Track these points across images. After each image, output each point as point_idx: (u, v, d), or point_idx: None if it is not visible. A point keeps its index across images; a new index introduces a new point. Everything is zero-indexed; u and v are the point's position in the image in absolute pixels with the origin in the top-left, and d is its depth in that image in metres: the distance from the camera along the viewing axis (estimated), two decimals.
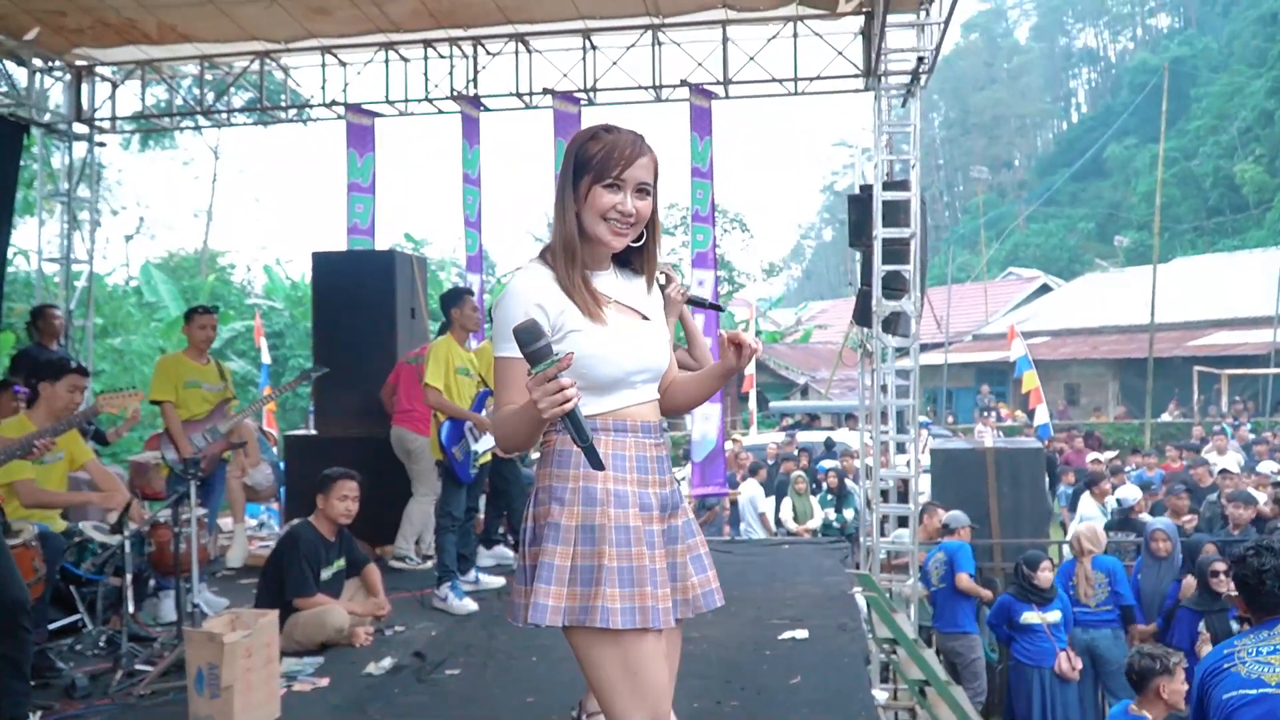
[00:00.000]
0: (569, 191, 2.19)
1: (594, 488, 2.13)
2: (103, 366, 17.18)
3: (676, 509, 2.29)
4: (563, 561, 2.12)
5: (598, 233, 2.17)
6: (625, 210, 2.15)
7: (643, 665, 2.10)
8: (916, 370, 8.17)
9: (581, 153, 2.18)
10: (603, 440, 2.15)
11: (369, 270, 7.82)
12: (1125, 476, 12.73)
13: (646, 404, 2.25)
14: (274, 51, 9.41)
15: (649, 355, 2.24)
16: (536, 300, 2.12)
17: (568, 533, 2.13)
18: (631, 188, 2.16)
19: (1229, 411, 22.18)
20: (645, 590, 2.11)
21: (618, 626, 2.07)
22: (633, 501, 2.16)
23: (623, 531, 2.13)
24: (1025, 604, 7.03)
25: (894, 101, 8.41)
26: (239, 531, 7.32)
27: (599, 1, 8.47)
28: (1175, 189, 41.37)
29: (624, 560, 2.11)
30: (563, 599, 2.11)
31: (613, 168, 2.14)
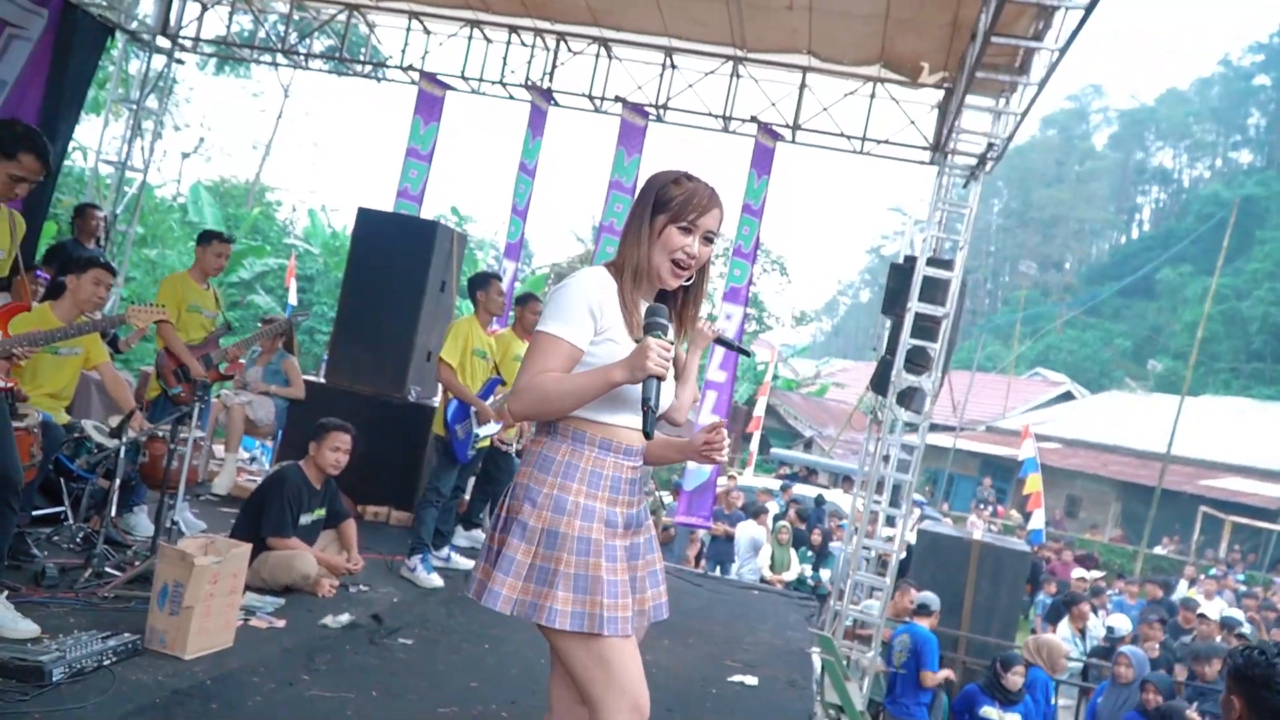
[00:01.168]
0: (646, 224, 2.37)
1: (565, 498, 2.29)
2: (134, 274, 17.38)
3: (640, 527, 2.45)
4: (523, 558, 2.28)
5: (660, 269, 2.37)
6: (692, 253, 2.36)
7: (613, 660, 2.26)
8: (922, 448, 8.19)
9: (664, 193, 2.37)
10: (585, 454, 2.33)
11: (409, 236, 7.91)
12: (1106, 599, 12.69)
13: (636, 430, 2.38)
14: (363, 6, 9.56)
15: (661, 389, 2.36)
16: (599, 299, 2.31)
17: (533, 533, 2.29)
18: (701, 234, 2.36)
19: (1225, 558, 22.00)
20: (597, 599, 2.25)
21: (565, 628, 2.23)
22: (599, 517, 2.31)
23: (583, 543, 2.28)
24: (989, 698, 7.03)
25: (956, 180, 8.45)
26: (230, 460, 7.40)
27: (687, 23, 8.58)
28: (1220, 325, 41.16)
29: (580, 569, 2.26)
30: (515, 591, 2.27)
31: (690, 212, 2.34)
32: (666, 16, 8.49)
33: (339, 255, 21.77)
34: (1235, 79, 64.85)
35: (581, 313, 2.29)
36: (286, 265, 20.81)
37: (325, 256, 23.63)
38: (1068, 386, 38.31)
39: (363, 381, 7.70)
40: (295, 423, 7.51)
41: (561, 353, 2.27)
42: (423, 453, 7.33)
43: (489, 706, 4.08)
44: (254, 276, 22.09)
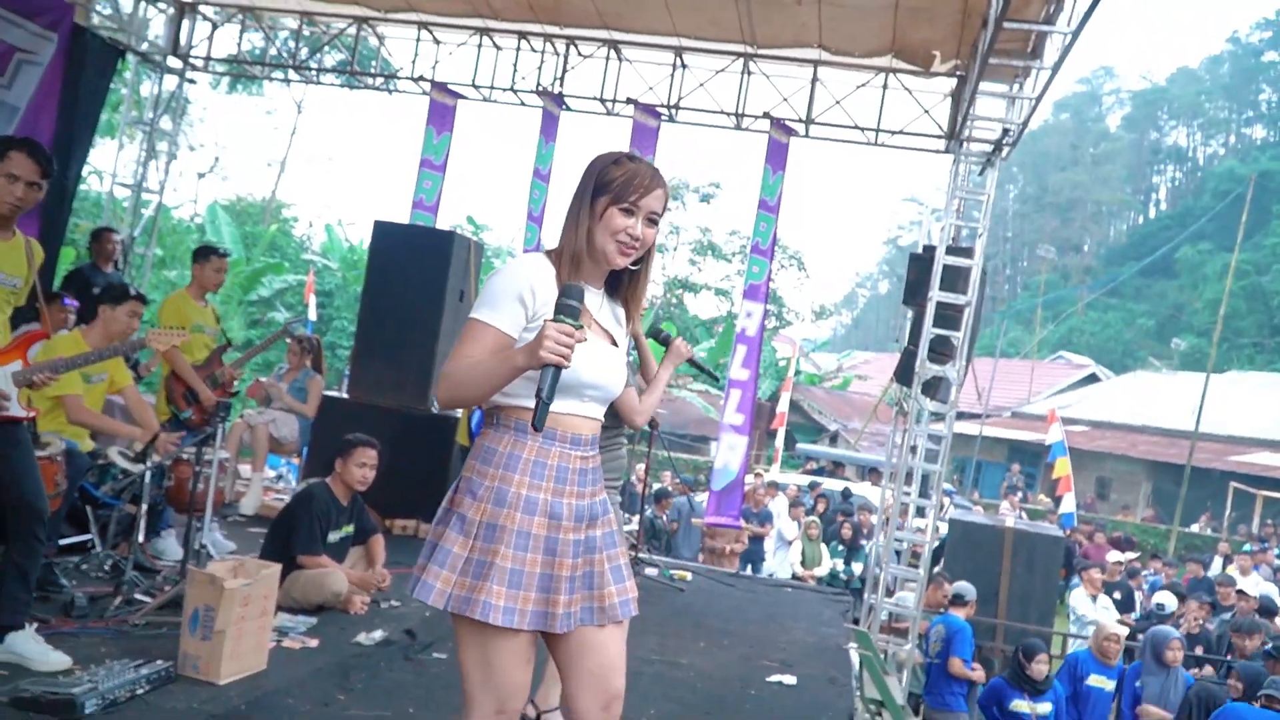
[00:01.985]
0: (585, 207, 2.32)
1: (506, 490, 2.25)
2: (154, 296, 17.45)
3: (596, 520, 2.38)
4: (460, 550, 2.25)
5: (606, 250, 2.31)
6: (635, 234, 2.31)
7: (499, 661, 2.25)
8: (949, 437, 8.11)
9: (603, 175, 2.33)
10: (528, 445, 2.27)
11: (426, 247, 7.90)
12: (1142, 579, 12.54)
13: (586, 419, 2.36)
14: (372, 19, 9.56)
15: (605, 375, 2.35)
16: (530, 284, 2.26)
17: (471, 525, 2.25)
18: (644, 215, 2.31)
19: (1259, 533, 21.75)
20: (530, 595, 2.23)
21: (496, 623, 2.19)
22: (542, 509, 2.26)
23: (523, 537, 2.24)
24: (1017, 691, 6.94)
25: (972, 167, 8.38)
26: (256, 480, 7.40)
27: (695, 22, 8.53)
28: (1242, 301, 40.72)
29: (516, 563, 2.22)
30: (450, 584, 2.23)
31: (631, 193, 2.29)
32: (676, 16, 8.45)
33: (357, 269, 21.84)
34: (1245, 56, 64.24)
35: (509, 299, 2.25)
36: (305, 281, 20.89)
37: (344, 271, 23.73)
38: (1092, 369, 37.97)
39: (385, 395, 7.69)
40: (320, 439, 7.51)
41: (487, 339, 2.23)
42: (448, 464, 7.31)
43: (527, 713, 4.04)
44: (273, 294, 22.20)
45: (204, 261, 6.20)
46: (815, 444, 24.69)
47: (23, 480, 3.73)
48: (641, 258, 2.38)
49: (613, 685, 2.36)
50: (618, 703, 2.38)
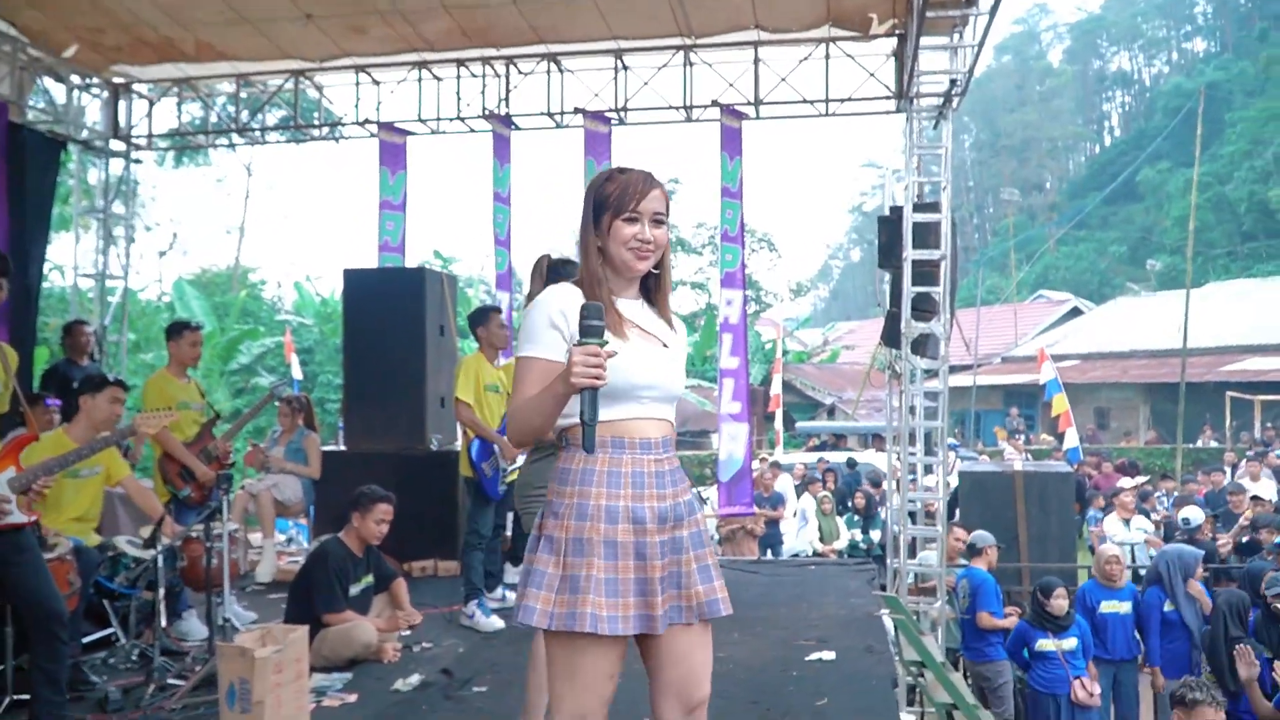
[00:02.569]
0: (592, 229, 2.42)
1: (586, 504, 2.32)
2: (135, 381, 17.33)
3: (681, 521, 2.42)
4: (553, 570, 2.32)
5: (624, 259, 2.40)
6: (645, 238, 2.39)
7: (587, 674, 2.30)
8: (945, 392, 8.12)
9: (600, 193, 2.42)
10: (599, 458, 2.34)
11: (399, 288, 7.88)
12: (1155, 501, 12.59)
13: (651, 421, 2.41)
14: (309, 70, 9.53)
15: (661, 375, 2.42)
16: (560, 309, 2.35)
17: (559, 544, 2.32)
18: (648, 218, 2.39)
19: (1262, 437, 21.88)
20: (629, 600, 2.29)
21: (603, 632, 2.25)
22: (624, 516, 2.32)
23: (610, 546, 2.30)
24: (1041, 631, 6.95)
25: (925, 123, 8.40)
26: (268, 547, 7.36)
27: (631, 21, 8.54)
28: (1209, 213, 40.96)
29: (609, 572, 2.29)
30: (550, 604, 2.30)
31: (629, 201, 2.38)
32: (610, 20, 8.45)
33: (333, 321, 21.78)
34: None
35: (545, 328, 2.34)
36: (283, 342, 20.81)
37: (320, 325, 23.65)
38: (1073, 302, 38.14)
39: (382, 440, 7.66)
40: (326, 495, 7.48)
41: (536, 371, 2.32)
42: (455, 499, 7.29)
43: None
44: (253, 359, 22.12)
45: (178, 338, 6.15)
46: (813, 420, 24.73)
47: (36, 585, 3.71)
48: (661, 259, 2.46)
49: (696, 694, 2.43)
50: (702, 710, 2.44)
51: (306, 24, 8.36)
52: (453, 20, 8.41)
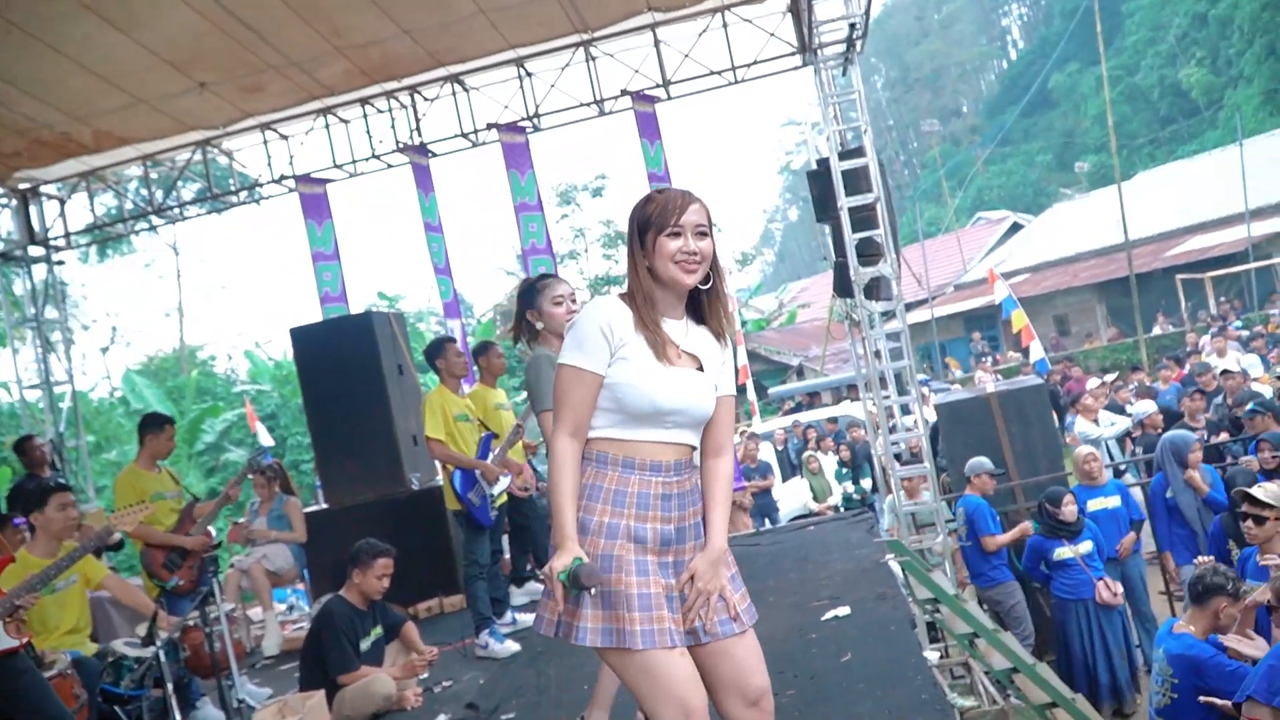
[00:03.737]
0: (638, 250, 2.49)
1: (590, 519, 2.40)
2: (104, 483, 17.08)
3: (685, 545, 2.48)
4: None
5: (672, 274, 2.44)
6: (690, 250, 2.43)
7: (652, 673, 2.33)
8: (906, 331, 8.19)
9: (641, 215, 2.49)
10: (609, 475, 2.44)
11: (349, 336, 7.79)
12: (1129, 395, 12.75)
13: (668, 445, 2.46)
14: (214, 138, 9.41)
15: (690, 400, 2.46)
16: (609, 321, 2.43)
17: None
18: (691, 231, 2.44)
19: (1218, 312, 22.26)
20: (621, 613, 2.34)
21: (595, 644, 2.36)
22: (624, 534, 2.39)
23: (606, 560, 2.37)
24: (1055, 540, 7.01)
25: (834, 72, 8.43)
26: (270, 619, 7.27)
27: (525, 28, 8.49)
28: (1125, 106, 41.55)
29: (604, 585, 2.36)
30: (556, 612, 2.40)
31: (670, 217, 2.44)
32: (504, 31, 8.40)
33: (291, 383, 21.54)
34: None
35: (595, 337, 2.41)
36: (245, 413, 20.57)
37: (278, 389, 23.40)
38: (1012, 218, 38.57)
39: (362, 490, 7.58)
40: (317, 556, 7.40)
41: (580, 383, 2.41)
42: (447, 534, 7.22)
43: None
44: (218, 436, 21.85)
45: (157, 432, 6.10)
46: (784, 384, 24.82)
47: (42, 706, 3.64)
48: (710, 275, 2.50)
49: (754, 684, 2.47)
50: (767, 699, 2.49)
51: (202, 93, 8.25)
52: (348, 61, 8.33)
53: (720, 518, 2.54)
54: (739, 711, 2.45)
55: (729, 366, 2.62)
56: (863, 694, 3.96)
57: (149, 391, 22.18)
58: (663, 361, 2.41)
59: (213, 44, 7.52)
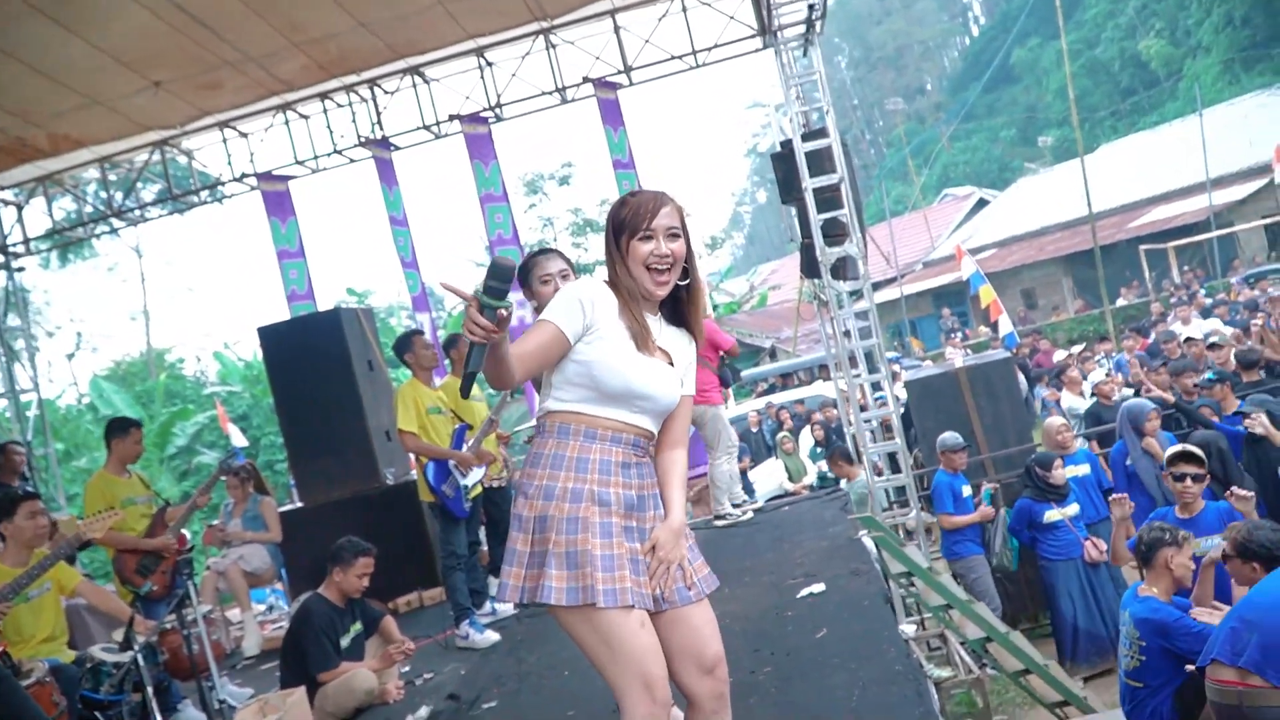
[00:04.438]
0: (616, 250, 2.54)
1: (554, 485, 2.46)
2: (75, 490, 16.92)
3: (647, 513, 2.55)
4: (522, 547, 2.48)
5: (642, 282, 2.52)
6: (661, 253, 2.50)
7: (615, 635, 2.38)
8: (874, 309, 8.24)
9: (615, 218, 2.55)
10: (571, 444, 2.48)
11: (318, 333, 7.76)
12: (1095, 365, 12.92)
13: (633, 426, 2.53)
14: (172, 138, 9.31)
15: (659, 390, 2.53)
16: (590, 297, 2.47)
17: (527, 522, 2.48)
18: (663, 234, 2.51)
19: (1182, 281, 22.53)
20: (587, 571, 2.38)
21: (560, 603, 2.38)
22: (589, 497, 2.45)
23: (572, 522, 2.42)
24: (1044, 504, 7.14)
25: (795, 53, 8.45)
26: (248, 619, 7.25)
27: (484, 17, 8.46)
28: (1086, 79, 41.87)
29: (570, 546, 2.41)
30: (521, 579, 2.47)
31: (642, 220, 2.50)
32: (463, 21, 8.36)
33: (262, 382, 21.38)
34: None
35: (573, 305, 2.45)
36: (216, 414, 20.43)
37: (248, 389, 23.24)
38: (978, 194, 38.80)
39: (337, 487, 7.56)
40: (294, 554, 7.39)
41: (545, 332, 2.43)
42: (423, 528, 7.23)
43: None
44: (190, 439, 21.70)
45: (124, 436, 6.02)
46: (757, 366, 24.91)
47: (20, 713, 3.63)
48: (687, 273, 2.57)
49: (709, 652, 2.53)
50: (722, 667, 2.56)
51: (158, 92, 8.16)
52: (306, 56, 8.26)
53: (680, 495, 2.61)
54: (694, 679, 2.51)
55: (693, 367, 2.69)
56: (838, 668, 4.02)
57: (117, 397, 21.96)
58: (642, 350, 2.49)
59: (166, 42, 7.43)
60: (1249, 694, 3.61)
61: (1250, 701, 3.61)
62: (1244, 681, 3.63)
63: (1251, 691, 3.61)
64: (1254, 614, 3.74)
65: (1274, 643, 3.60)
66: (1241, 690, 3.64)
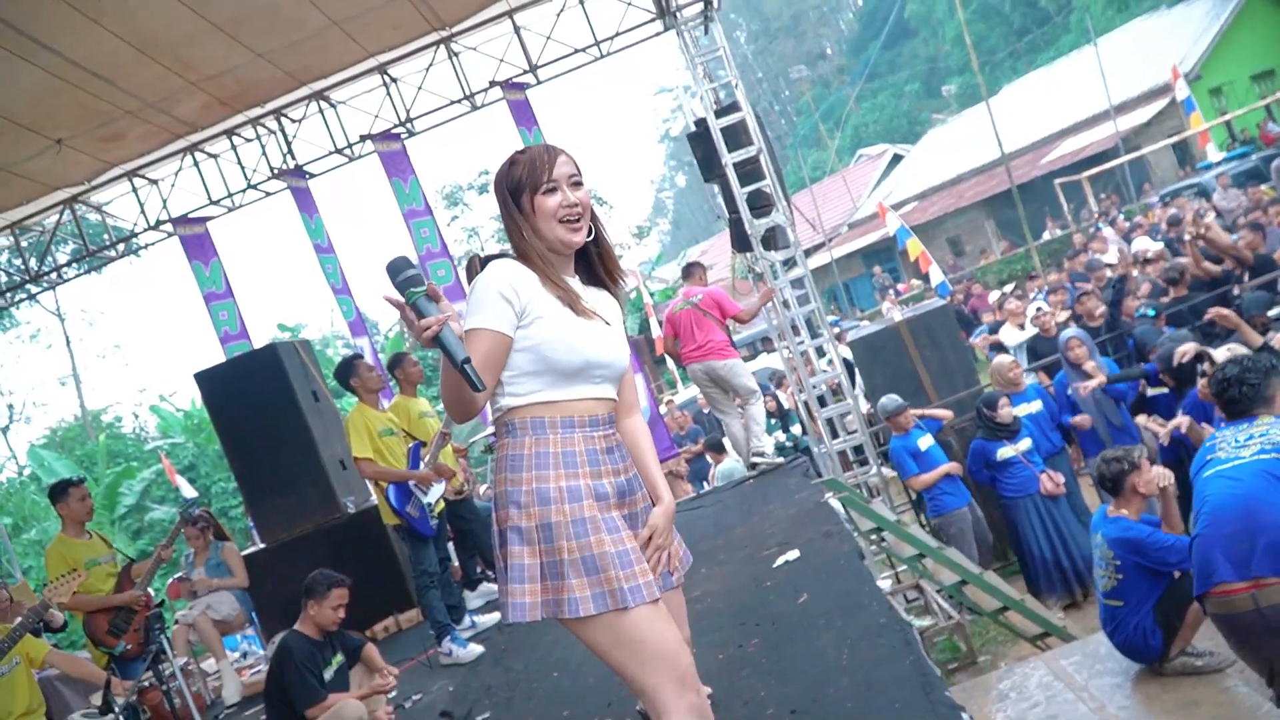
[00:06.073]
0: (516, 215, 2.37)
1: (546, 488, 2.27)
2: (29, 563, 16.50)
3: (636, 495, 2.44)
4: (530, 560, 2.27)
5: (557, 235, 2.35)
6: (570, 203, 2.35)
7: (642, 634, 2.24)
8: (808, 276, 8.34)
9: (509, 179, 2.38)
10: (550, 439, 2.30)
11: (257, 371, 7.63)
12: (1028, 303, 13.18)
13: (599, 400, 2.39)
14: (81, 194, 9.10)
15: (609, 353, 2.39)
16: (510, 283, 2.28)
17: (529, 533, 2.27)
18: (565, 183, 2.35)
19: (1100, 209, 23.05)
20: (610, 574, 2.23)
21: (590, 613, 2.22)
22: (587, 493, 2.29)
23: (579, 524, 2.26)
24: (997, 442, 7.26)
25: (696, 32, 8.50)
26: (225, 668, 7.13)
27: (380, 33, 8.37)
28: (980, 24, 42.57)
29: (585, 550, 2.24)
30: (537, 595, 2.26)
31: (542, 173, 2.34)
32: (361, 40, 8.26)
33: (205, 429, 21.02)
34: None
35: (493, 299, 2.27)
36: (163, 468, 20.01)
37: (191, 438, 22.80)
38: (891, 150, 39.28)
39: (297, 524, 7.46)
40: (262, 597, 7.28)
41: (484, 342, 2.25)
42: (391, 552, 7.17)
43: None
44: (139, 497, 21.23)
45: (64, 498, 5.90)
46: None
47: None
48: (593, 225, 2.42)
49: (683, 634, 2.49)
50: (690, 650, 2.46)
51: (60, 150, 7.95)
52: (205, 94, 8.11)
53: (660, 472, 2.53)
54: None
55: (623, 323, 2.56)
56: (824, 628, 4.06)
57: (59, 464, 21.41)
58: (581, 316, 2.33)
59: (63, 99, 7.26)
60: (1264, 593, 3.63)
61: (1267, 600, 3.62)
62: (1257, 584, 3.65)
63: (1266, 590, 3.63)
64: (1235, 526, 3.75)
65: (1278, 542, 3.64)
66: (1256, 593, 3.64)
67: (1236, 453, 3.93)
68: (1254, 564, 3.67)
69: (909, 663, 3.40)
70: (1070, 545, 7.20)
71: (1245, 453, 3.91)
